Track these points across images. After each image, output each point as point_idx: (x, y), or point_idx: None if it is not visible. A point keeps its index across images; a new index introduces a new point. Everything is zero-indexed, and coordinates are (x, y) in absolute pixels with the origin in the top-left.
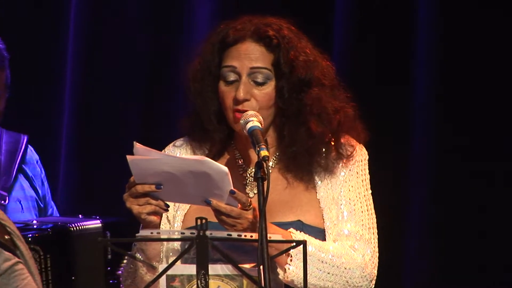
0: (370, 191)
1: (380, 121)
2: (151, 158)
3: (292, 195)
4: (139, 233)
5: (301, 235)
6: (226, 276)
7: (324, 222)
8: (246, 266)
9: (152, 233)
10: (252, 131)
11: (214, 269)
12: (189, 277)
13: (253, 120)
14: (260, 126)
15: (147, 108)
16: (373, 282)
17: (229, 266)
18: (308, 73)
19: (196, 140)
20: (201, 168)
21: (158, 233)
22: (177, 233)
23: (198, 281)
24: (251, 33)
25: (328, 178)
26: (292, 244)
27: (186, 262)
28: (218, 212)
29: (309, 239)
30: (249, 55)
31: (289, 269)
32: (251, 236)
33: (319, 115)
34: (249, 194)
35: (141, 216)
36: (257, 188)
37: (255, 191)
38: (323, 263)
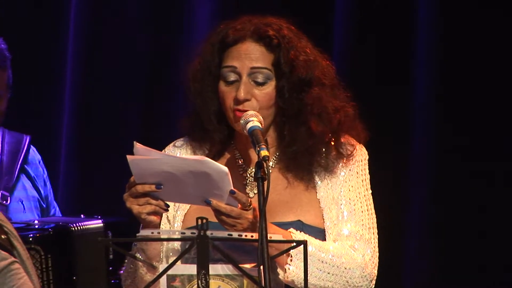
0: (370, 191)
1: (380, 121)
2: (151, 158)
3: (292, 195)
4: (140, 233)
5: (301, 235)
6: (227, 276)
7: (324, 222)
8: (247, 266)
9: (153, 233)
10: (252, 131)
11: (215, 269)
12: (190, 277)
13: (253, 120)
14: (260, 126)
15: (147, 108)
16: (373, 282)
17: (230, 266)
18: (309, 73)
19: (196, 140)
20: (201, 168)
21: (159, 233)
22: (178, 233)
23: (199, 281)
24: (251, 33)
25: (328, 178)
26: (293, 244)
27: (187, 262)
28: (218, 212)
29: (309, 239)
30: (249, 55)
31: (289, 269)
32: (252, 236)
33: (320, 115)
34: (249, 194)
35: (141, 216)
36: (257, 188)
37: (255, 191)
38: (323, 263)
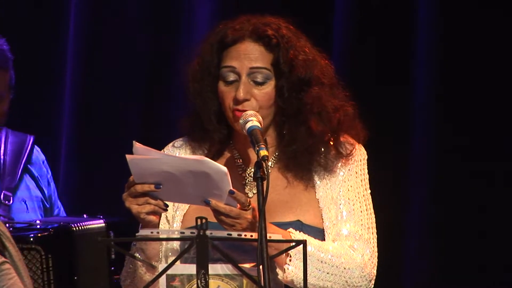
0: (369, 191)
1: (380, 121)
2: (151, 158)
3: (292, 195)
4: (139, 233)
5: (301, 235)
6: (226, 276)
7: (323, 222)
8: (246, 266)
9: (152, 233)
10: (252, 131)
11: (214, 269)
12: (189, 277)
13: (253, 120)
14: (260, 126)
15: (147, 108)
16: (373, 282)
17: (229, 266)
18: (308, 72)
19: (196, 140)
20: (201, 168)
21: (158, 233)
22: (177, 233)
23: (198, 281)
24: (250, 33)
25: (328, 178)
26: (292, 244)
27: (186, 262)
28: (217, 212)
29: (309, 239)
30: (249, 55)
31: (288, 269)
32: (251, 236)
33: (319, 114)
34: (248, 194)
35: (140, 216)
36: (257, 188)
37: (254, 191)
38: (323, 263)
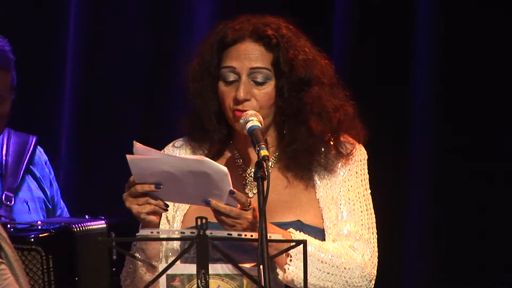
0: (370, 191)
1: (380, 121)
2: (151, 158)
3: (292, 195)
4: (139, 233)
5: (301, 235)
6: (226, 276)
7: (324, 222)
8: (246, 266)
9: (152, 233)
10: (252, 131)
11: (214, 269)
12: (189, 277)
13: (253, 120)
14: (260, 126)
15: (147, 108)
16: (373, 282)
17: (229, 266)
18: (308, 72)
19: (196, 140)
20: (201, 168)
21: (158, 233)
22: (177, 233)
23: (198, 281)
24: (250, 33)
25: (328, 178)
26: (292, 244)
27: (186, 262)
28: (218, 212)
29: (309, 239)
30: (249, 55)
31: (289, 269)
32: (251, 236)
33: (319, 114)
34: (249, 194)
35: (141, 216)
36: (257, 188)
37: (255, 191)
38: (323, 263)
